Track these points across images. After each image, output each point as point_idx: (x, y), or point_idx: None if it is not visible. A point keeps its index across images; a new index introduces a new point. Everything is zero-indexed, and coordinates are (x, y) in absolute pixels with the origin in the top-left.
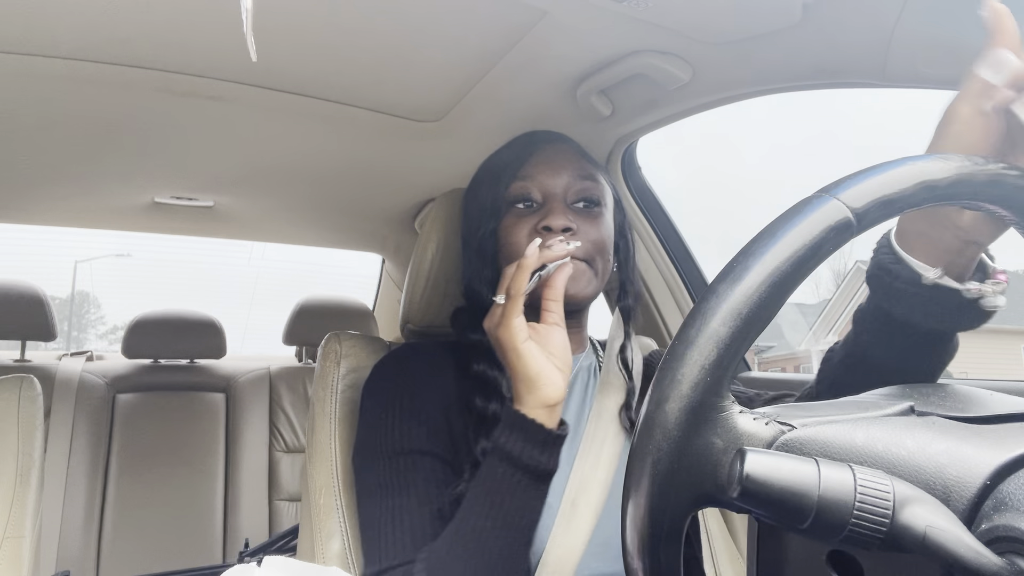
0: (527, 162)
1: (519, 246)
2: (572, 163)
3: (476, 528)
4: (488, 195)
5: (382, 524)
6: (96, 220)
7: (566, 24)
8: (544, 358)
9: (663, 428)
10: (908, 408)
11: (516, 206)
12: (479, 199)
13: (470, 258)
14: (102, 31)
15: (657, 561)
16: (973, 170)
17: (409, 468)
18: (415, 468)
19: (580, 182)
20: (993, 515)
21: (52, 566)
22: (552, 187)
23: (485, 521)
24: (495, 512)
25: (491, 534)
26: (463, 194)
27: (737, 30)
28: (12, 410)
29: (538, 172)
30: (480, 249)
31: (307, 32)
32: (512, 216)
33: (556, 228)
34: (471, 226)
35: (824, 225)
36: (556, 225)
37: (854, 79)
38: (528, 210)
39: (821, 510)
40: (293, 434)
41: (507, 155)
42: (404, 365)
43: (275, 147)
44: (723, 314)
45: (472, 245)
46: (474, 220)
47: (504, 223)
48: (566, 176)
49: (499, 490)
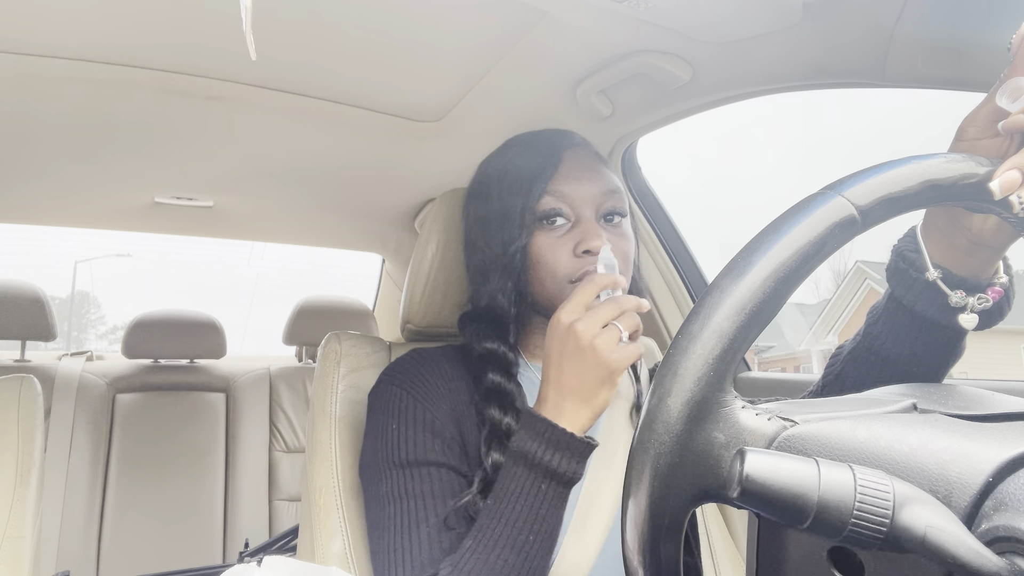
0: (556, 173)
1: (557, 267)
2: (598, 174)
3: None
4: (514, 206)
5: (398, 536)
6: (96, 220)
7: (566, 24)
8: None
9: (665, 422)
10: (911, 406)
11: (546, 222)
12: (502, 209)
13: (490, 269)
14: (102, 31)
15: (657, 558)
16: (978, 171)
17: (424, 479)
18: (430, 479)
19: (609, 197)
20: (993, 515)
21: (52, 566)
22: (583, 203)
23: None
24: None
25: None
26: (469, 196)
27: (737, 30)
28: (12, 410)
29: (569, 187)
30: (508, 264)
31: (307, 32)
32: (544, 233)
33: (596, 251)
34: (491, 236)
35: (829, 222)
36: (596, 248)
37: (854, 79)
38: (560, 227)
39: (821, 510)
40: (293, 434)
41: (531, 162)
42: (413, 373)
43: (275, 147)
44: (727, 309)
45: (494, 257)
46: (496, 231)
47: (537, 241)
48: (595, 190)
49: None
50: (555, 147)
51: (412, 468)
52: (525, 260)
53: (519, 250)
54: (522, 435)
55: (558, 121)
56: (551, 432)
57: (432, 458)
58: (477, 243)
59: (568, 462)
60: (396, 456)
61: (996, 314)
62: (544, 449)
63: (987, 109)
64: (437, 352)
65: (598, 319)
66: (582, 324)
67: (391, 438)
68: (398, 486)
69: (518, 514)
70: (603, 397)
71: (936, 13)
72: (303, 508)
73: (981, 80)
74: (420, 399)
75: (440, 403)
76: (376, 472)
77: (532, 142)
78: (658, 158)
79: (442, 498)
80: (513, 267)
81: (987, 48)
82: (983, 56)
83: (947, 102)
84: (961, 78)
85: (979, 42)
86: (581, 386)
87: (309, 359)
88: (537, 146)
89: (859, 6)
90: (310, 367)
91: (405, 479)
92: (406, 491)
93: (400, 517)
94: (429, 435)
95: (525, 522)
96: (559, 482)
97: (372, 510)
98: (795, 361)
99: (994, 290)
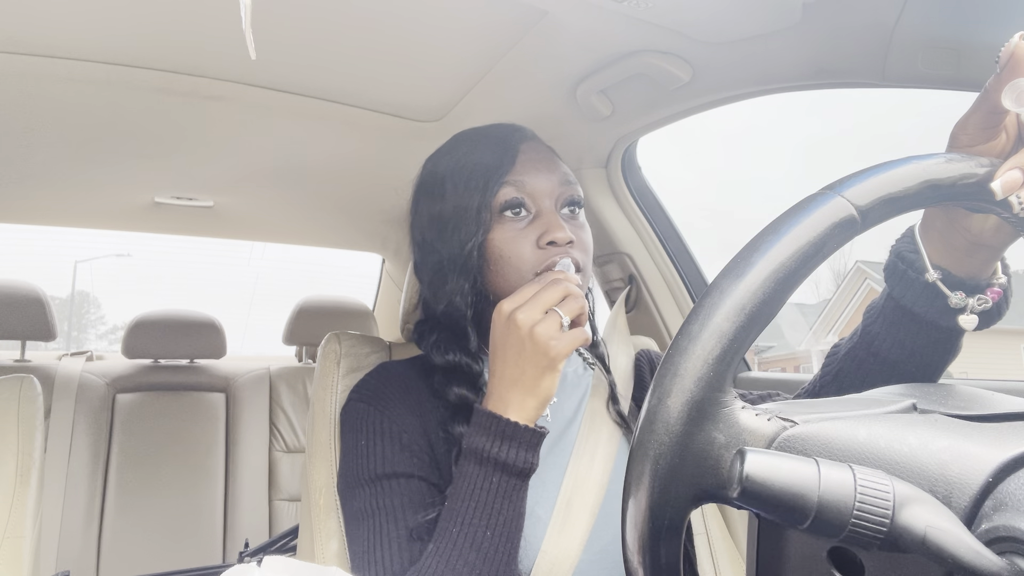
0: (514, 166)
1: (520, 260)
2: (555, 165)
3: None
4: (471, 202)
5: (369, 550)
6: (96, 220)
7: (566, 24)
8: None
9: (665, 423)
10: (910, 406)
11: (506, 214)
12: (458, 205)
13: (447, 270)
14: (102, 31)
15: (657, 558)
16: (977, 171)
17: (392, 492)
18: (398, 492)
19: (568, 187)
20: (993, 515)
21: (52, 566)
22: (543, 194)
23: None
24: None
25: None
26: (419, 195)
27: (737, 30)
28: (12, 410)
29: (528, 179)
30: (465, 264)
31: (307, 32)
32: (505, 226)
33: (561, 242)
34: (448, 235)
35: (829, 222)
36: (561, 239)
37: (854, 79)
38: (521, 219)
39: (821, 510)
40: (293, 434)
41: (487, 156)
42: (378, 388)
43: (275, 147)
44: (726, 309)
45: (451, 256)
46: (452, 229)
47: (498, 235)
48: (554, 180)
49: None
50: (510, 140)
51: (381, 482)
52: (483, 256)
53: (476, 247)
54: (470, 432)
55: (558, 121)
56: (496, 425)
57: (401, 470)
58: (432, 243)
59: (517, 453)
60: (365, 472)
61: (994, 315)
62: (492, 442)
63: (978, 115)
64: (404, 364)
65: (538, 306)
66: (522, 312)
67: (360, 454)
68: (369, 503)
69: (473, 511)
70: (546, 385)
71: (936, 13)
72: (303, 508)
73: (981, 80)
74: (386, 412)
75: (407, 416)
76: (349, 490)
77: (483, 137)
78: (658, 158)
79: (412, 509)
80: (471, 265)
81: (987, 48)
82: (983, 56)
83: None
84: (961, 78)
85: (979, 42)
86: (522, 375)
87: (309, 359)
88: (490, 140)
89: (859, 6)
90: (310, 367)
91: (376, 494)
92: (377, 506)
93: (371, 532)
94: (397, 447)
95: (481, 518)
96: (511, 474)
97: (348, 527)
98: (795, 361)
99: (993, 291)
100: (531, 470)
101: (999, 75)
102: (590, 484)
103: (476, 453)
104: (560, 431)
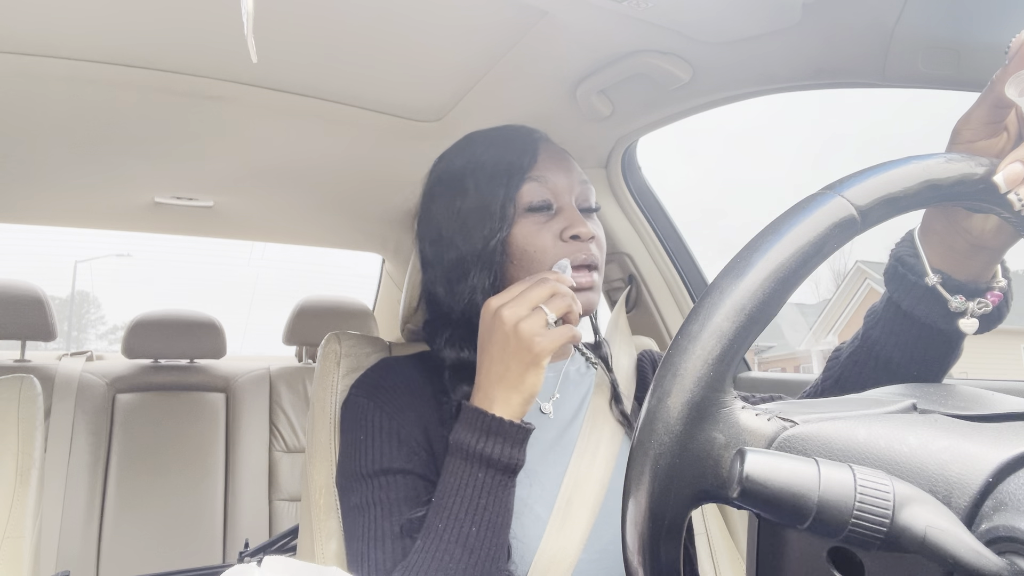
0: (536, 162)
1: (544, 254)
2: (572, 164)
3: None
4: (493, 197)
5: (363, 545)
6: (96, 220)
7: (566, 24)
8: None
9: (665, 423)
10: (910, 406)
11: (530, 209)
12: (481, 200)
13: (469, 265)
14: (103, 31)
15: (657, 558)
16: (977, 171)
17: (388, 487)
18: (394, 487)
19: (584, 187)
20: (993, 515)
21: (52, 566)
22: (564, 190)
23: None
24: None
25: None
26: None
27: (737, 30)
28: (12, 410)
29: (549, 173)
30: (488, 259)
31: (307, 32)
32: (528, 221)
33: (585, 237)
34: (470, 230)
35: (829, 222)
36: (584, 233)
37: (854, 79)
38: (544, 214)
39: (821, 510)
40: (293, 434)
41: (508, 153)
42: (378, 382)
43: (275, 147)
44: (726, 309)
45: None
46: (475, 224)
47: (519, 229)
48: (573, 178)
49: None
50: (528, 138)
51: (377, 477)
52: (506, 251)
53: (500, 241)
54: (457, 428)
55: (558, 121)
56: (482, 420)
57: (397, 466)
58: (451, 239)
59: (503, 448)
60: (362, 467)
61: (995, 318)
62: (477, 438)
63: (982, 109)
64: (406, 360)
65: (524, 303)
66: (508, 309)
67: (358, 449)
68: (364, 497)
69: (460, 507)
70: (531, 382)
71: (936, 13)
72: (303, 508)
73: (981, 80)
74: (385, 408)
75: (406, 411)
76: (347, 485)
77: (499, 135)
78: (658, 158)
79: (408, 505)
80: (494, 260)
81: (987, 48)
82: (983, 56)
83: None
84: (961, 78)
85: (979, 42)
86: (507, 371)
87: (309, 359)
88: (508, 138)
89: (859, 6)
90: (310, 367)
91: (372, 489)
92: (372, 500)
93: (365, 527)
94: (395, 443)
95: (467, 514)
96: (497, 470)
97: (345, 522)
98: (795, 361)
99: (993, 294)
100: (517, 466)
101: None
102: (591, 483)
103: (462, 449)
104: (562, 429)
